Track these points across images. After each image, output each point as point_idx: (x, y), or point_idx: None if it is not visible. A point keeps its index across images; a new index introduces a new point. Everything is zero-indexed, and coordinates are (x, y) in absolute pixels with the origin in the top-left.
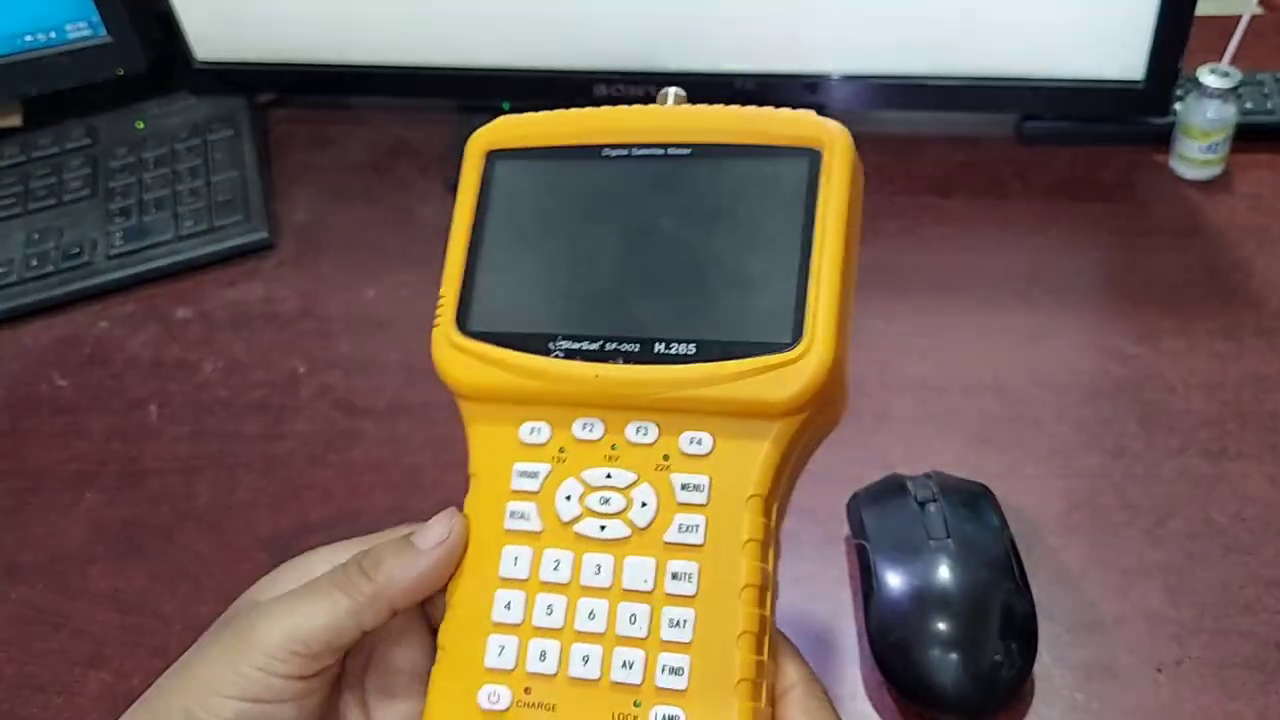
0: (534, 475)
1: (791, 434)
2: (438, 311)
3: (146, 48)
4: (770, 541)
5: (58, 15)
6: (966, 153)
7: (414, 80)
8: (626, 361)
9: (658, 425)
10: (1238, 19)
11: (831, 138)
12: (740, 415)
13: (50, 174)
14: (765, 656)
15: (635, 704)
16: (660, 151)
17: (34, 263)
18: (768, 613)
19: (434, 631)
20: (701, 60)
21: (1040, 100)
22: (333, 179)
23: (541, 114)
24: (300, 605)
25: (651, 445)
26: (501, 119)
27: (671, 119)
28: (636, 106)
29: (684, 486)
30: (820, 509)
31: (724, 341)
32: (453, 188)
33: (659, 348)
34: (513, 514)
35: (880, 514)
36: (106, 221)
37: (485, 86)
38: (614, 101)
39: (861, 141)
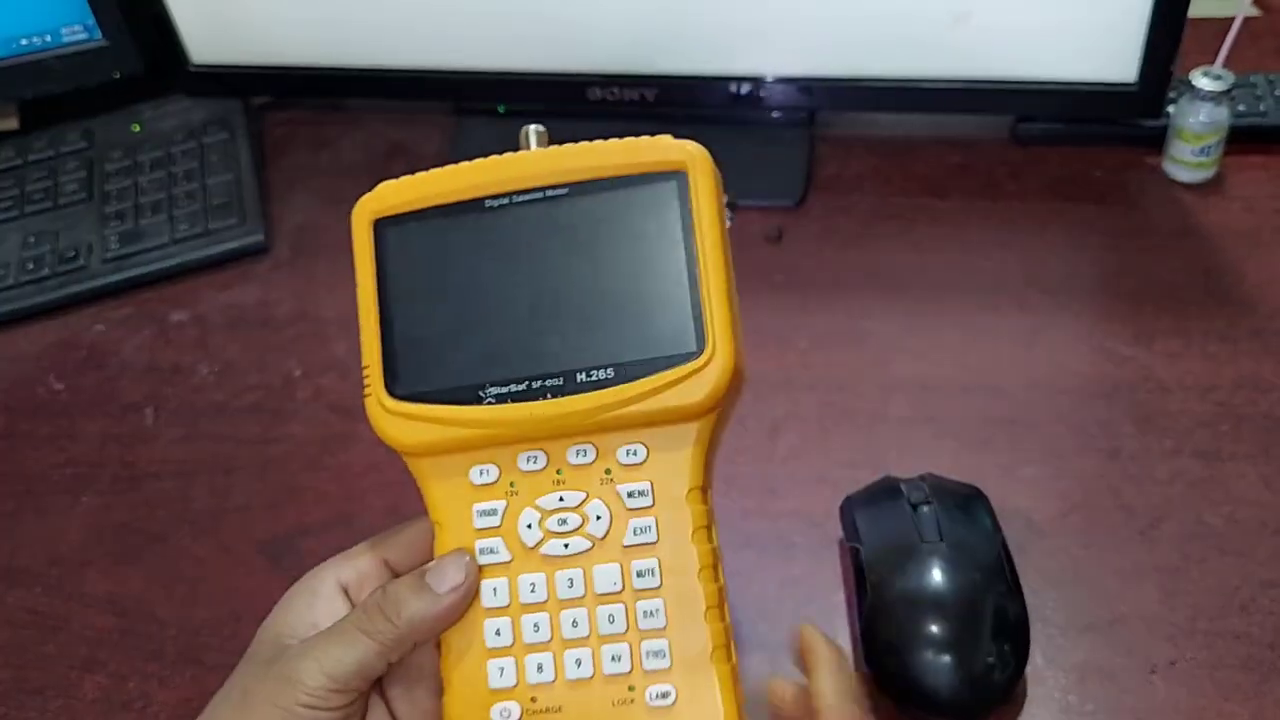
0: (493, 512)
1: (712, 427)
2: (366, 381)
3: (142, 51)
4: (712, 522)
5: (53, 18)
6: (961, 154)
7: (409, 83)
8: (554, 395)
9: (594, 445)
10: (1231, 21)
11: (692, 157)
12: (665, 422)
13: (46, 177)
14: (728, 620)
15: (630, 689)
16: (540, 195)
17: (30, 266)
18: (723, 582)
19: None
20: (696, 63)
21: (1034, 102)
22: (328, 182)
23: (418, 175)
24: (331, 649)
25: (592, 464)
26: (381, 185)
27: (543, 162)
28: (508, 155)
29: (630, 494)
30: (814, 511)
31: (638, 361)
32: None
33: (581, 377)
34: (482, 550)
35: (873, 517)
36: (102, 225)
37: (480, 89)
38: (607, 105)
39: (857, 144)
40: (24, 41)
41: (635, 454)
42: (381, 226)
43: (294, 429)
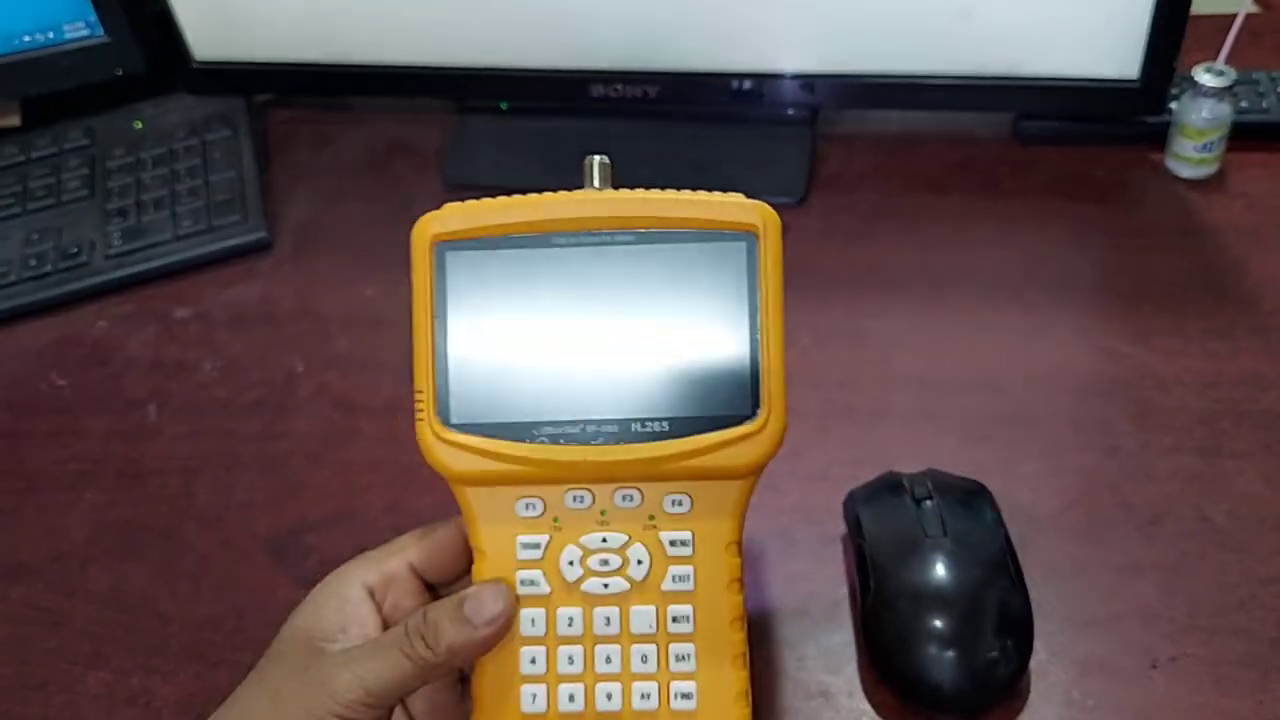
0: (536, 546)
1: (753, 485)
2: (418, 405)
3: (144, 48)
4: (743, 574)
5: (55, 15)
6: (963, 152)
7: (412, 80)
8: (607, 441)
9: (641, 492)
10: (1233, 18)
11: (763, 219)
12: (713, 478)
13: (49, 174)
14: (750, 669)
15: None
16: (608, 239)
17: (32, 263)
18: (746, 633)
19: None
20: (698, 60)
21: (1036, 99)
22: (331, 178)
23: (484, 201)
24: (371, 665)
25: (637, 509)
26: (446, 206)
27: (613, 205)
28: (578, 192)
29: (672, 543)
30: (816, 508)
31: (694, 417)
32: (452, 186)
33: (635, 427)
34: (523, 581)
35: (876, 512)
36: (105, 222)
37: (483, 86)
38: (610, 102)
39: (859, 141)
40: (26, 38)
41: (680, 504)
42: (443, 249)
43: (296, 425)
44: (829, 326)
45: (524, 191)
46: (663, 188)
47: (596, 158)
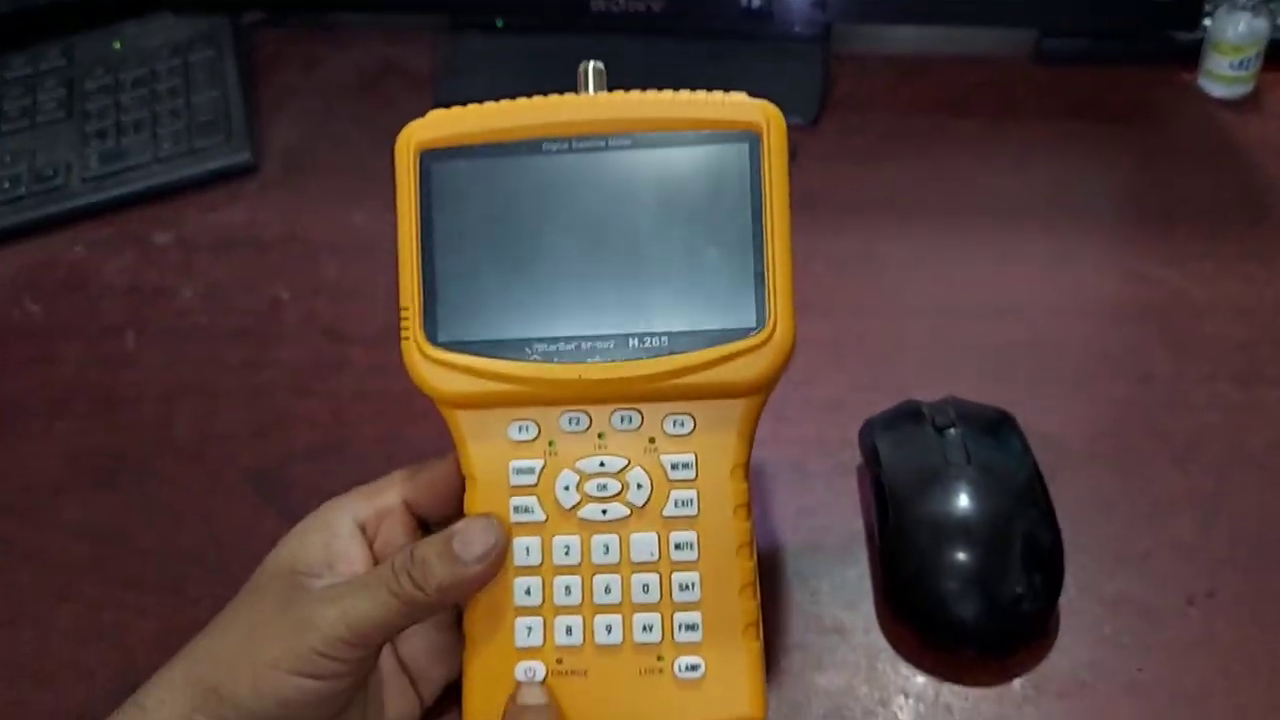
0: (530, 471)
1: (760, 405)
2: (404, 324)
3: None
4: (751, 499)
5: None
6: (982, 72)
7: None
8: (604, 359)
9: (640, 412)
10: None
11: (767, 117)
12: (716, 396)
13: (24, 95)
14: (759, 599)
15: (659, 658)
16: (601, 144)
17: (6, 185)
18: (755, 561)
19: None
20: None
21: (1060, 13)
22: (319, 100)
23: (471, 107)
24: (357, 603)
25: (637, 431)
26: (432, 113)
27: (606, 108)
28: (569, 96)
29: (674, 466)
30: (831, 437)
31: (696, 331)
32: (443, 106)
33: (633, 342)
34: (516, 508)
35: (895, 441)
36: (82, 144)
37: (476, 2)
38: (611, 17)
39: (874, 61)
40: None
41: (682, 425)
42: (428, 159)
43: (282, 354)
44: (842, 252)
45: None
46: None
47: (591, 63)
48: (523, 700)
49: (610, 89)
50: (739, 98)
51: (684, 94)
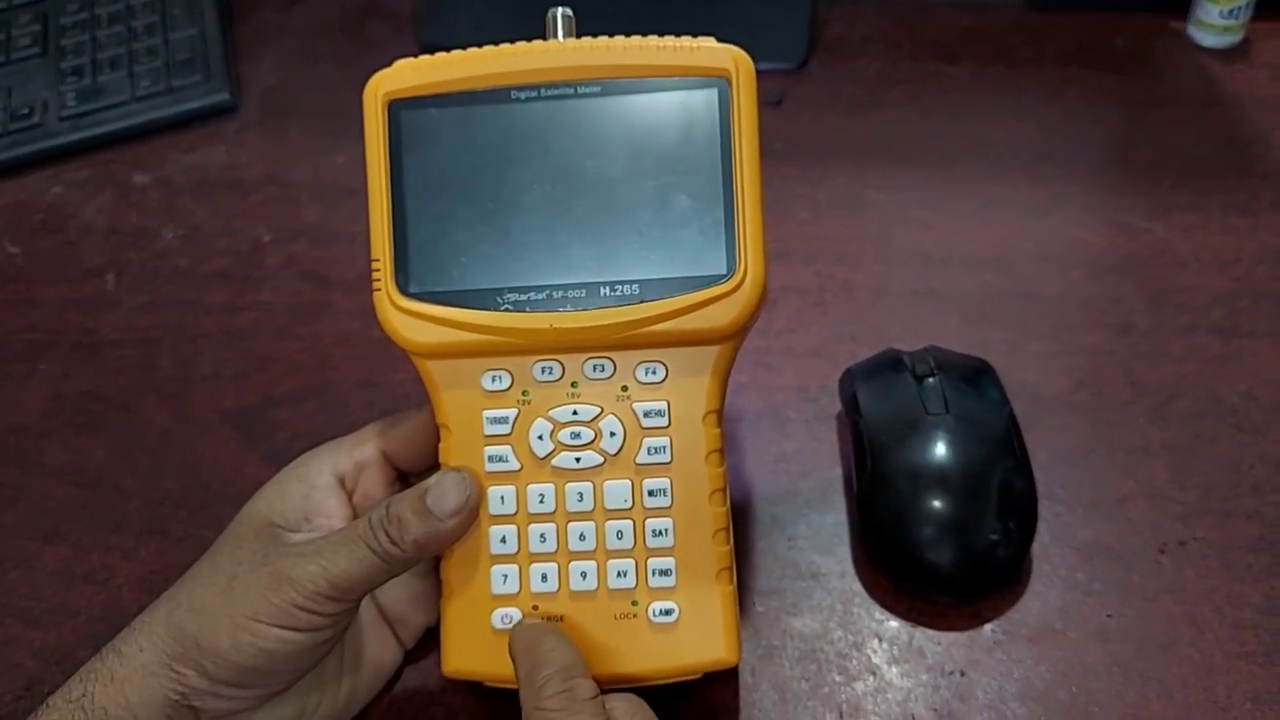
0: (504, 420)
1: (732, 351)
2: (375, 275)
3: None
4: (724, 445)
5: None
6: (974, 18)
7: None
8: (575, 307)
9: (612, 361)
10: None
11: (735, 63)
12: (687, 344)
13: None
14: (732, 544)
15: (633, 604)
16: (570, 91)
17: None
18: (729, 505)
19: None
20: None
21: None
22: (300, 40)
23: (439, 56)
24: (336, 558)
25: (609, 379)
26: (399, 62)
27: (577, 55)
28: (537, 43)
29: (647, 413)
30: (811, 385)
31: (666, 279)
32: (428, 49)
33: (604, 290)
34: (491, 458)
35: (875, 389)
36: (58, 81)
37: None
38: None
39: (864, 4)
40: None
41: (654, 373)
42: (397, 108)
43: (264, 296)
44: (828, 198)
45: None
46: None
47: (560, 10)
48: (518, 621)
49: (582, 35)
50: (708, 43)
51: (653, 39)
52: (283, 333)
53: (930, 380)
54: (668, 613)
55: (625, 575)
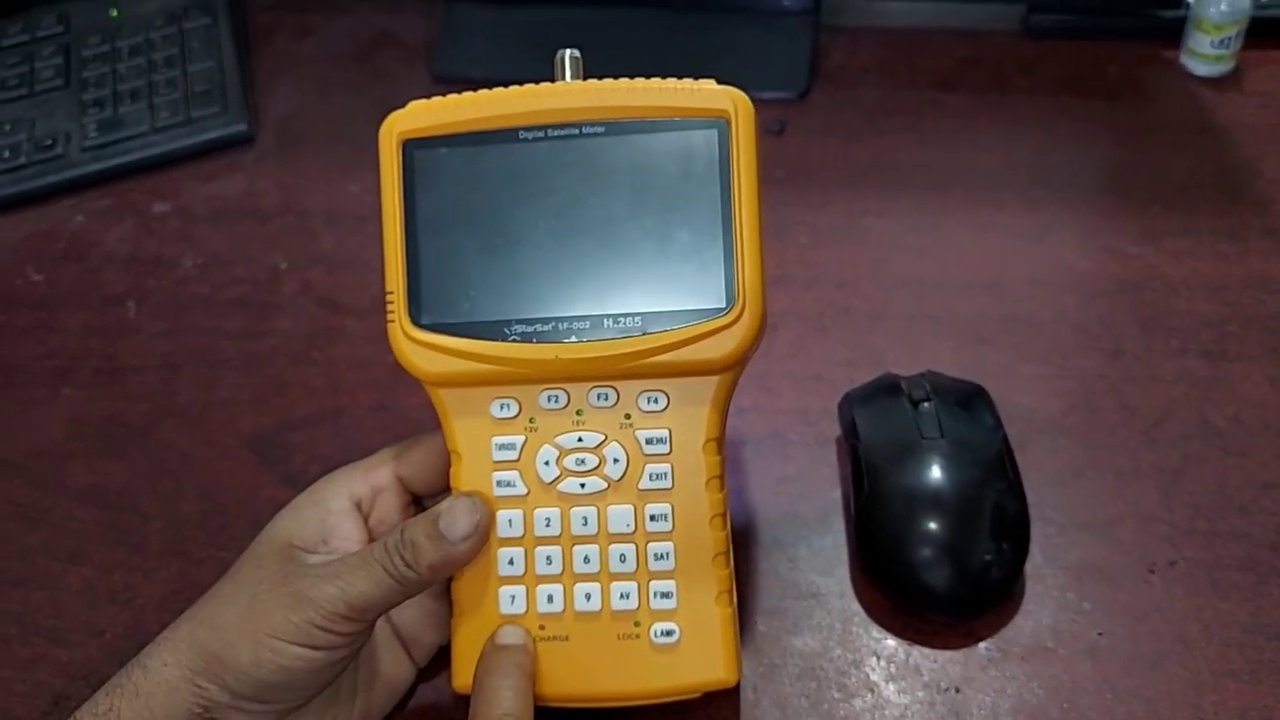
0: (511, 446)
1: (732, 381)
2: (389, 307)
3: None
4: (724, 472)
5: None
6: (970, 47)
7: None
8: (580, 339)
9: (616, 390)
10: None
11: (735, 104)
12: (688, 374)
13: (21, 63)
14: (732, 568)
15: (635, 624)
16: (575, 131)
17: (5, 154)
18: (729, 530)
19: None
20: None
21: None
22: (314, 70)
23: (451, 97)
24: (355, 580)
25: (613, 408)
26: (412, 104)
27: (582, 97)
28: (544, 85)
29: (649, 441)
30: (811, 409)
31: (668, 311)
32: (439, 79)
33: (608, 323)
34: (499, 483)
35: (873, 413)
36: (80, 113)
37: None
38: None
39: (863, 34)
40: None
41: (656, 401)
42: (410, 148)
43: (280, 323)
44: (828, 225)
45: (512, 84)
46: (647, 77)
47: (567, 51)
48: (501, 640)
49: (592, 72)
50: (709, 85)
51: (655, 81)
52: (299, 358)
53: (926, 405)
54: (669, 633)
55: (628, 597)
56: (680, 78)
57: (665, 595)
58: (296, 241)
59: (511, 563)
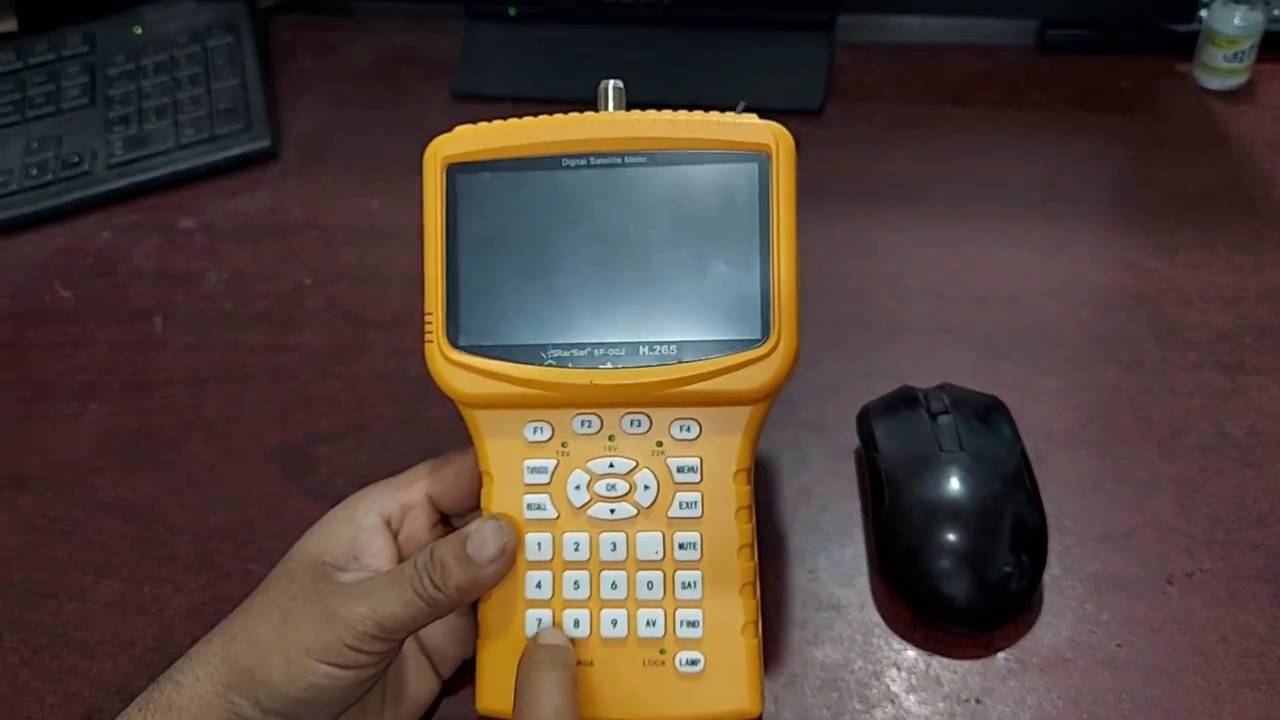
0: (543, 470)
1: (764, 412)
2: (428, 328)
3: None
4: (753, 502)
5: None
6: (986, 62)
7: None
8: (615, 365)
9: (649, 417)
10: None
11: (776, 139)
12: (722, 404)
13: (47, 81)
14: (759, 598)
15: (661, 652)
16: (618, 160)
17: (33, 172)
18: (756, 560)
19: None
20: None
21: (1062, 4)
22: (336, 87)
23: (496, 123)
24: (385, 600)
25: (645, 434)
26: (458, 129)
27: (624, 126)
28: (588, 114)
29: (680, 469)
30: (830, 422)
31: (703, 341)
32: (459, 96)
33: (644, 350)
34: (529, 505)
35: (891, 426)
36: (106, 130)
37: None
38: (623, 6)
39: (878, 50)
40: None
41: (688, 430)
42: (454, 172)
43: (305, 337)
44: (844, 238)
45: (531, 101)
46: (677, 100)
47: (611, 82)
48: (545, 640)
49: (627, 97)
50: (750, 119)
51: (698, 114)
52: (323, 372)
53: (944, 418)
54: (694, 663)
55: (654, 624)
56: (698, 94)
57: (692, 624)
58: (320, 256)
59: (539, 586)
